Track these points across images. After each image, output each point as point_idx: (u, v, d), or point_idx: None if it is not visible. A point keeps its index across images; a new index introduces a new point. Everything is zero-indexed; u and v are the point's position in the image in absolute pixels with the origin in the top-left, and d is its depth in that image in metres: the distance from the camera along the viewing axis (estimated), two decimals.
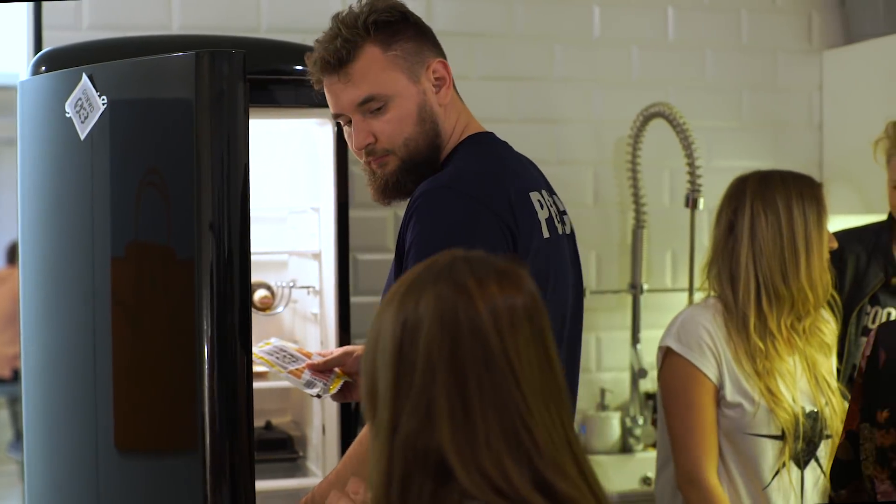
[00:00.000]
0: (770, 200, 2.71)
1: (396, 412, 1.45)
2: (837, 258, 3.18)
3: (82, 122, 2.56)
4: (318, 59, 2.24)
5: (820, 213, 2.72)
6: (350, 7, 2.26)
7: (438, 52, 2.32)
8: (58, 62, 2.84)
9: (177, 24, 3.54)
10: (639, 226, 3.88)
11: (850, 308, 3.15)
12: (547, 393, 1.48)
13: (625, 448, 3.92)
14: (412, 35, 2.27)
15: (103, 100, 2.52)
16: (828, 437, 2.72)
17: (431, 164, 2.30)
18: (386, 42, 2.24)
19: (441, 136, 2.30)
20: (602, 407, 3.92)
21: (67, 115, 2.60)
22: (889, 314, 3.10)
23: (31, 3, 3.38)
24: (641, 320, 3.90)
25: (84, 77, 2.54)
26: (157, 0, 3.54)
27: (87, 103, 2.55)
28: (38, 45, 3.37)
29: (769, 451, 2.66)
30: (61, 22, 3.45)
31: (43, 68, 2.82)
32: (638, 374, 3.85)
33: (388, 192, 2.29)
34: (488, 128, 2.43)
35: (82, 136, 2.57)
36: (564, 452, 1.47)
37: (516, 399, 1.44)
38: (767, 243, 2.70)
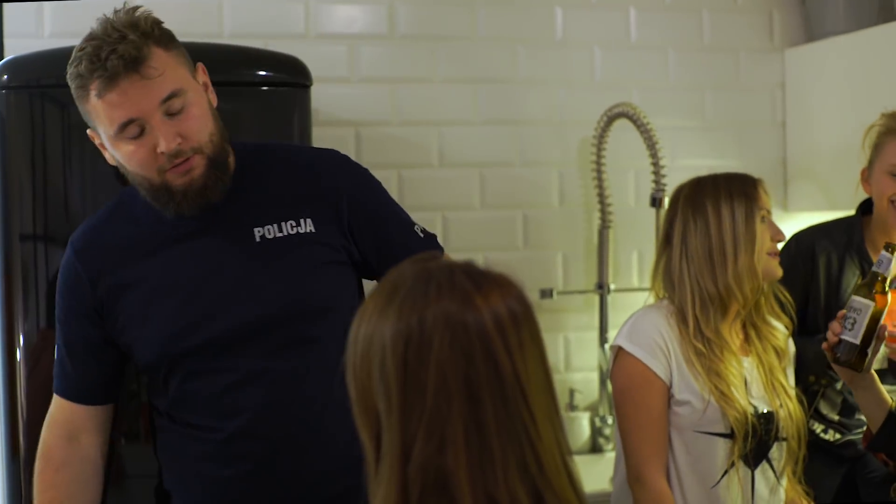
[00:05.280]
0: (699, 205, 2.74)
1: (408, 437, 1.40)
2: (808, 257, 3.19)
3: None
4: (110, 61, 2.14)
5: (750, 209, 2.72)
6: (112, 16, 2.21)
7: None
8: (21, 71, 2.83)
9: None
10: (605, 226, 3.89)
11: (830, 312, 3.14)
12: (551, 409, 1.45)
13: (594, 448, 3.93)
14: (175, 39, 2.25)
15: None
16: (783, 439, 2.73)
17: (228, 164, 2.30)
18: (166, 43, 2.21)
19: (227, 136, 2.30)
20: (571, 407, 3.92)
21: None
22: None
23: None
24: (609, 320, 3.91)
25: None
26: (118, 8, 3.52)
27: None
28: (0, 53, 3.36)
29: (719, 450, 2.67)
30: (23, 30, 3.44)
31: (5, 77, 2.81)
32: (606, 373, 3.86)
33: (206, 194, 2.25)
34: (453, 129, 2.44)
35: None
36: (562, 472, 1.44)
37: (526, 421, 1.41)
38: (697, 248, 2.73)
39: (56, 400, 2.40)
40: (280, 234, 2.30)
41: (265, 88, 2.88)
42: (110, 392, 2.42)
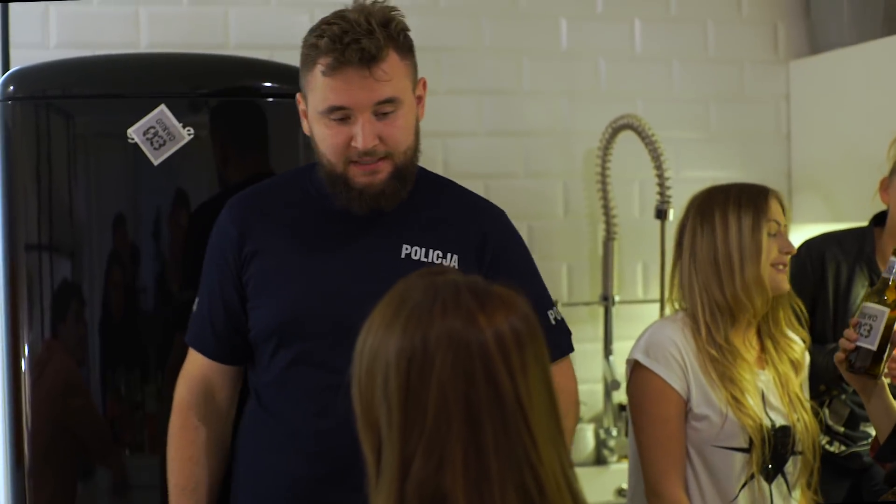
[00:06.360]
0: (708, 213, 2.74)
1: (407, 454, 1.40)
2: (818, 264, 3.18)
3: (156, 150, 2.74)
4: (350, 49, 2.22)
5: (757, 220, 2.70)
6: (366, 4, 2.29)
7: None
8: (26, 81, 2.84)
9: (145, 42, 3.53)
10: (609, 237, 3.89)
11: (838, 321, 3.13)
12: (553, 431, 1.44)
13: (599, 460, 3.92)
14: (413, 51, 2.34)
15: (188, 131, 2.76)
16: (799, 453, 2.72)
17: (412, 178, 2.39)
18: (403, 51, 2.30)
19: (419, 153, 2.39)
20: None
21: (132, 141, 2.75)
22: None
23: None
24: (613, 332, 3.90)
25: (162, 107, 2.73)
26: (125, 18, 3.53)
27: (164, 132, 2.73)
28: (5, 63, 3.36)
29: (736, 464, 2.66)
30: (28, 40, 3.44)
31: (11, 88, 2.81)
32: (611, 385, 3.86)
33: (380, 200, 2.33)
34: (458, 140, 2.48)
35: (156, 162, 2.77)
36: (566, 495, 1.43)
37: (526, 444, 1.40)
38: (704, 255, 2.72)
39: (193, 354, 2.50)
40: (425, 259, 2.36)
41: (270, 100, 2.88)
42: (243, 355, 2.48)
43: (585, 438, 3.90)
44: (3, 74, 2.96)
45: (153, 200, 2.80)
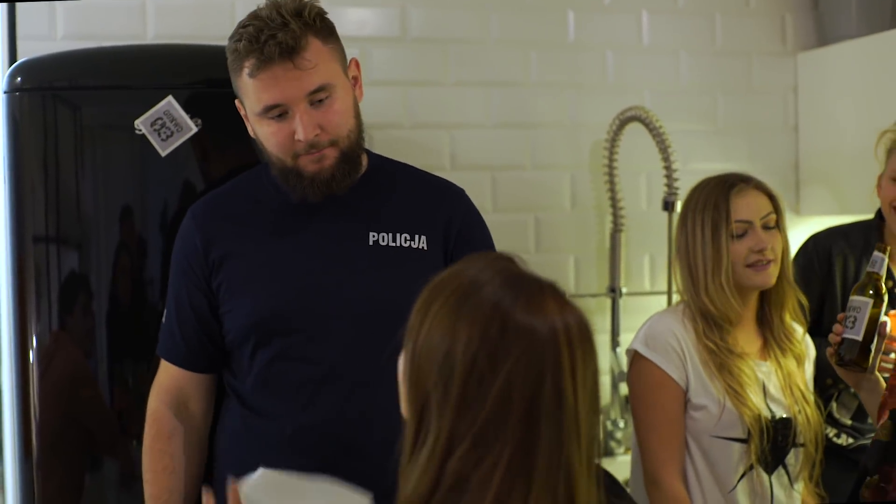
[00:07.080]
0: (683, 218, 2.78)
1: (456, 434, 1.39)
2: (825, 258, 3.18)
3: (163, 141, 2.74)
4: (268, 46, 2.22)
5: (717, 225, 2.70)
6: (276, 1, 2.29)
7: None
8: (33, 73, 2.83)
9: (151, 33, 3.53)
10: (617, 229, 3.89)
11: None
12: (594, 444, 1.44)
13: (606, 451, 3.93)
14: (336, 33, 2.33)
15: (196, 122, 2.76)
16: (801, 445, 2.73)
17: (359, 161, 2.40)
18: (325, 35, 2.29)
19: (364, 133, 2.40)
20: None
21: (139, 133, 2.74)
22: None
23: (4, 14, 3.36)
24: (621, 323, 3.90)
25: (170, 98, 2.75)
26: (131, 9, 3.53)
27: (171, 123, 2.74)
28: (12, 55, 3.35)
29: (734, 454, 2.67)
30: (36, 32, 3.44)
31: (18, 79, 2.81)
32: (618, 377, 3.86)
33: (332, 185, 2.33)
34: (465, 132, 2.47)
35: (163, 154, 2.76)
36: None
37: (571, 455, 1.40)
38: (682, 260, 2.76)
39: (164, 365, 2.51)
40: (393, 244, 2.37)
41: None
42: (216, 362, 2.48)
43: None
44: (11, 66, 2.95)
45: (161, 192, 2.80)
